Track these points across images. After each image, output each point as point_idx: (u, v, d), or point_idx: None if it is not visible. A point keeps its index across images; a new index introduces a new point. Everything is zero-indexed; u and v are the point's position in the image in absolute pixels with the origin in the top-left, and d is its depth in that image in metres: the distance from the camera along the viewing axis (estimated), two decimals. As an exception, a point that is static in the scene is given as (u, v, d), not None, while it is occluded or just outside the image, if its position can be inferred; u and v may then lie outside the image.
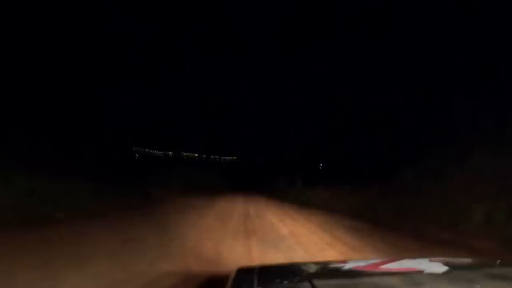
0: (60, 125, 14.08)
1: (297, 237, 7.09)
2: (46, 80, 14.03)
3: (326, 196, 16.64)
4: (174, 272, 4.05)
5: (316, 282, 1.01)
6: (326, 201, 15.67)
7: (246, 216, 10.63)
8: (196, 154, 56.62)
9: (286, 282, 1.07)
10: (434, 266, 1.27)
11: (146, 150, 42.16)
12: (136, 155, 33.66)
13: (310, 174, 27.03)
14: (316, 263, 1.72)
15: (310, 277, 1.15)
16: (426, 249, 6.13)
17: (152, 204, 12.21)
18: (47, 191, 8.57)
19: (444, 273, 1.18)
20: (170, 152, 48.76)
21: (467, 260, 1.71)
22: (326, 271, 1.40)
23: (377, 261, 1.41)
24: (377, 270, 1.30)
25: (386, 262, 1.39)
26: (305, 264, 1.44)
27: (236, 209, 12.36)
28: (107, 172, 13.90)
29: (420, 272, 1.20)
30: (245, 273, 1.23)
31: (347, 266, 1.43)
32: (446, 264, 1.30)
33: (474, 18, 12.52)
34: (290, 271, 1.33)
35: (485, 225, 6.75)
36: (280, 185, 28.00)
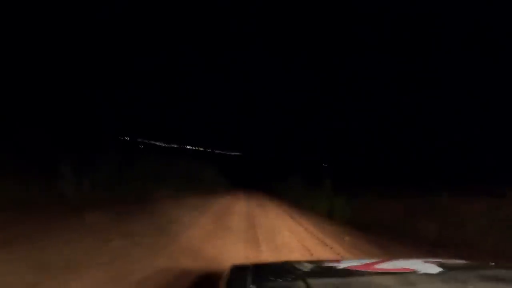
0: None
1: None
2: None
3: (396, 211, 9.14)
4: None
5: (310, 280, 0.99)
6: (405, 222, 8.15)
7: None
8: (201, 148, 54.95)
9: (280, 280, 1.05)
10: (427, 267, 1.21)
11: (152, 142, 40.42)
12: (141, 146, 31.43)
13: (337, 172, 19.49)
14: (310, 262, 1.43)
15: (304, 275, 1.11)
16: None
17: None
18: None
19: (438, 274, 1.13)
20: (174, 145, 46.62)
21: (461, 262, 1.51)
22: (320, 270, 1.35)
23: (371, 260, 1.33)
24: (371, 269, 1.24)
25: (380, 262, 1.31)
26: (299, 262, 1.35)
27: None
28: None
29: (414, 272, 1.14)
30: (239, 270, 1.21)
31: (342, 265, 1.36)
32: (439, 265, 1.24)
33: None
34: (284, 269, 1.27)
35: None
36: (295, 187, 20.44)
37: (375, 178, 13.33)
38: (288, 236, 6.44)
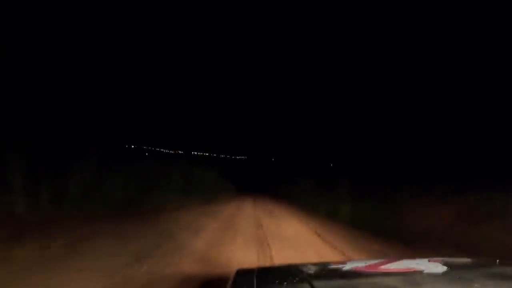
0: None
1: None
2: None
3: (447, 216, 7.16)
4: None
5: (316, 283, 0.99)
6: (465, 230, 6.16)
7: None
8: (206, 153, 56.84)
9: (285, 283, 1.03)
10: (433, 266, 1.20)
11: (157, 149, 41.51)
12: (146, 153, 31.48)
13: (355, 171, 17.50)
14: (315, 264, 1.38)
15: (309, 278, 1.09)
16: None
17: None
18: None
19: (444, 273, 1.12)
20: (181, 151, 47.86)
21: (466, 260, 1.48)
22: (326, 272, 1.32)
23: (376, 261, 1.32)
24: (376, 270, 1.23)
25: (385, 263, 1.30)
26: (304, 265, 1.32)
27: None
28: None
29: (420, 272, 1.13)
30: (244, 274, 1.21)
31: (347, 267, 1.31)
32: (445, 264, 1.22)
33: None
34: (290, 272, 1.23)
35: None
36: (308, 190, 18.48)
37: (406, 176, 11.31)
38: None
